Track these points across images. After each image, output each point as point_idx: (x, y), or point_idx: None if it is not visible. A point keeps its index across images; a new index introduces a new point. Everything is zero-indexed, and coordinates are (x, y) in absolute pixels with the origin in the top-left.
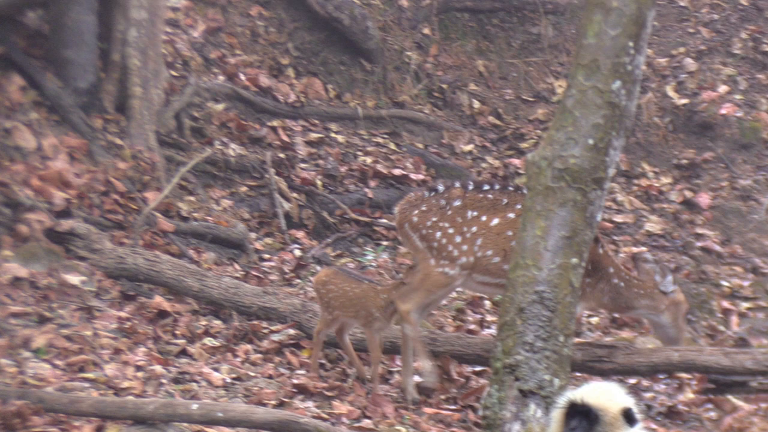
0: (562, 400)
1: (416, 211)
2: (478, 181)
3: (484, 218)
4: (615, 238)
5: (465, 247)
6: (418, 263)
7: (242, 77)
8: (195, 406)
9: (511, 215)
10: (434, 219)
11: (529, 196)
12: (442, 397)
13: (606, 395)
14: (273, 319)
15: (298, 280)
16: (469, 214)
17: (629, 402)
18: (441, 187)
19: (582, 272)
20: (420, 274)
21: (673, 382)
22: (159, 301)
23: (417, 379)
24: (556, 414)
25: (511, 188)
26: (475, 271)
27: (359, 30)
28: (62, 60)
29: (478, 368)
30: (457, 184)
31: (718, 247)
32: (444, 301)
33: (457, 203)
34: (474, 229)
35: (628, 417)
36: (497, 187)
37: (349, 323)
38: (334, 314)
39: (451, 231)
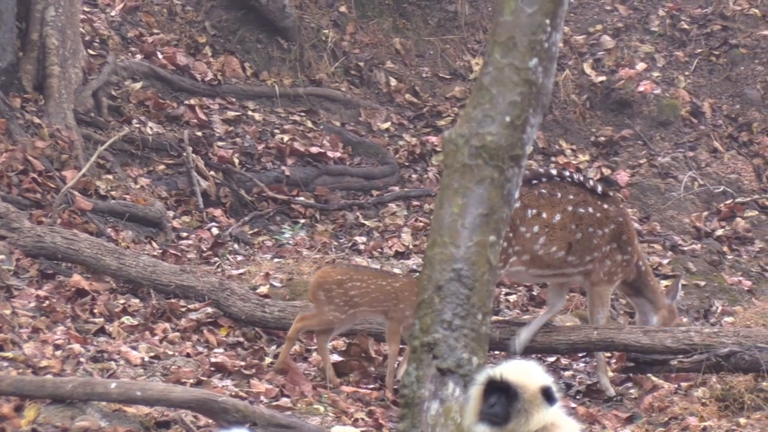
0: (482, 377)
1: None
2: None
3: (544, 215)
4: None
5: (523, 247)
6: None
7: (160, 56)
8: (113, 385)
9: (570, 208)
10: None
11: (446, 174)
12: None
13: (525, 373)
14: (191, 298)
15: (216, 259)
16: (529, 212)
17: (548, 380)
18: None
19: (499, 249)
20: None
21: (593, 361)
22: (77, 279)
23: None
24: (475, 390)
25: (557, 179)
26: (533, 267)
27: (276, 8)
28: None
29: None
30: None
31: (636, 225)
32: None
33: (517, 204)
34: (536, 228)
35: (547, 395)
36: (544, 180)
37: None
38: (349, 312)
39: (510, 233)
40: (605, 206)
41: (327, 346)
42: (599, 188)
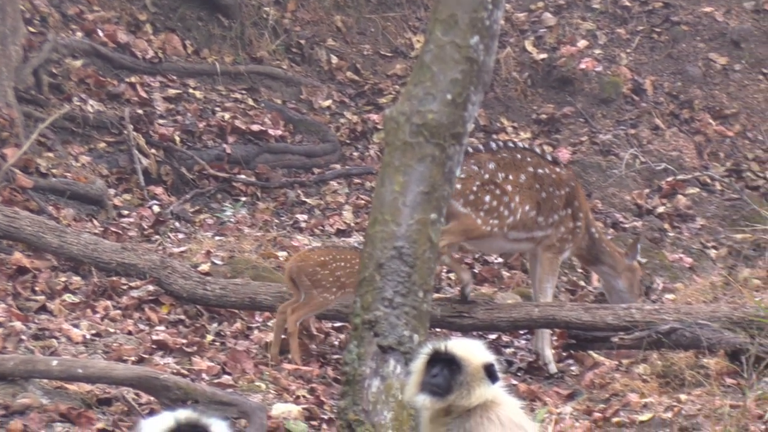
0: (426, 350)
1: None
2: (484, 143)
3: (512, 176)
4: None
5: (509, 208)
6: (453, 219)
7: (100, 33)
8: (55, 363)
9: (530, 169)
10: (478, 183)
11: (387, 152)
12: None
13: (470, 348)
14: (132, 276)
15: (157, 236)
16: (500, 175)
17: (492, 358)
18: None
19: (440, 228)
20: (457, 223)
21: (534, 338)
22: (18, 257)
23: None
24: (419, 362)
25: (511, 144)
26: (513, 229)
27: None
28: None
29: (338, 324)
30: (481, 148)
31: None
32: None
33: (491, 165)
34: (509, 188)
35: (490, 372)
36: (501, 144)
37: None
38: (338, 294)
39: (498, 192)
40: (558, 170)
41: (286, 326)
42: (548, 155)
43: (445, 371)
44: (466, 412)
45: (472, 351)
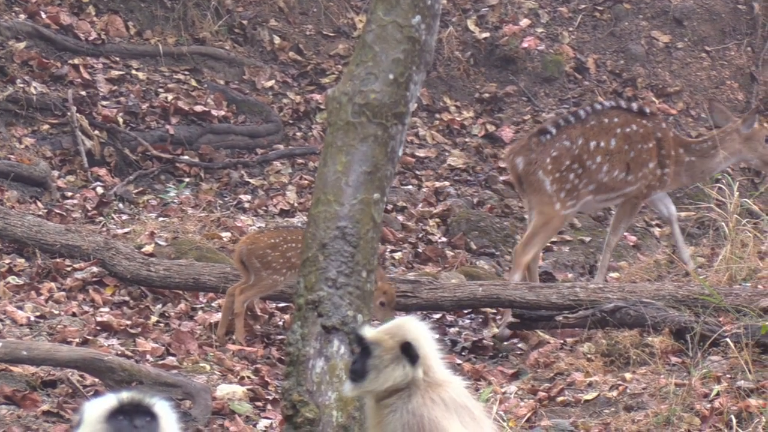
0: (373, 333)
1: (548, 158)
2: (574, 111)
3: (602, 144)
4: (417, 172)
5: (590, 179)
6: (534, 209)
7: (43, 15)
8: None
9: (618, 130)
10: (567, 162)
11: (329, 132)
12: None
13: (388, 329)
14: (76, 257)
15: (101, 218)
16: (591, 145)
17: (414, 337)
18: (553, 129)
19: (383, 208)
20: (539, 219)
21: (479, 317)
22: None
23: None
24: (354, 348)
25: (599, 106)
26: (599, 193)
27: None
28: None
29: (282, 304)
30: (571, 119)
31: None
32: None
33: (580, 140)
34: (598, 158)
35: (408, 352)
36: (590, 110)
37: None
38: (288, 275)
39: (581, 170)
40: (644, 122)
41: (234, 307)
42: (635, 106)
43: (362, 355)
44: (408, 393)
45: (388, 332)
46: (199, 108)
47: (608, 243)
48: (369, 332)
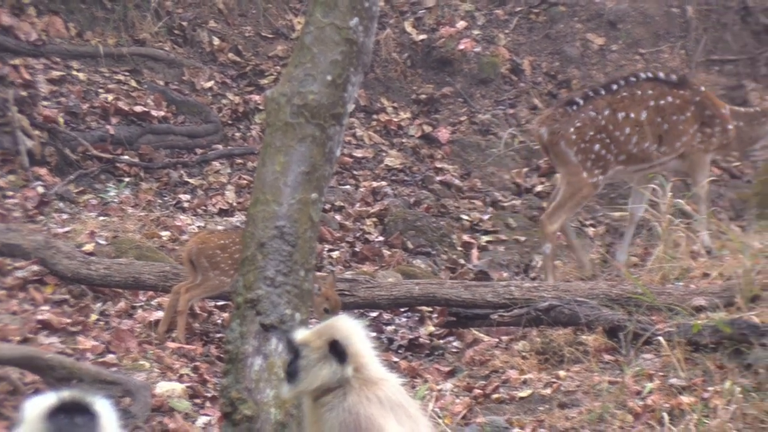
0: (304, 334)
1: (572, 129)
2: (605, 83)
3: (632, 115)
4: (355, 172)
5: (619, 149)
6: (564, 177)
7: None
8: None
9: (652, 102)
10: (591, 133)
11: (268, 132)
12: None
13: (317, 329)
14: (17, 256)
15: (41, 217)
16: (620, 116)
17: (341, 336)
18: (580, 100)
19: (321, 208)
20: (568, 189)
21: (415, 315)
22: None
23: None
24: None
25: (633, 79)
26: (630, 164)
27: None
28: None
29: (221, 303)
30: (602, 91)
31: (457, 181)
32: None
33: (607, 111)
34: (627, 130)
35: (336, 351)
36: (623, 83)
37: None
38: (234, 276)
39: (608, 140)
40: (681, 92)
41: (177, 306)
42: (672, 77)
43: (294, 358)
44: (343, 391)
45: (316, 332)
46: (139, 108)
47: (700, 197)
48: (298, 334)
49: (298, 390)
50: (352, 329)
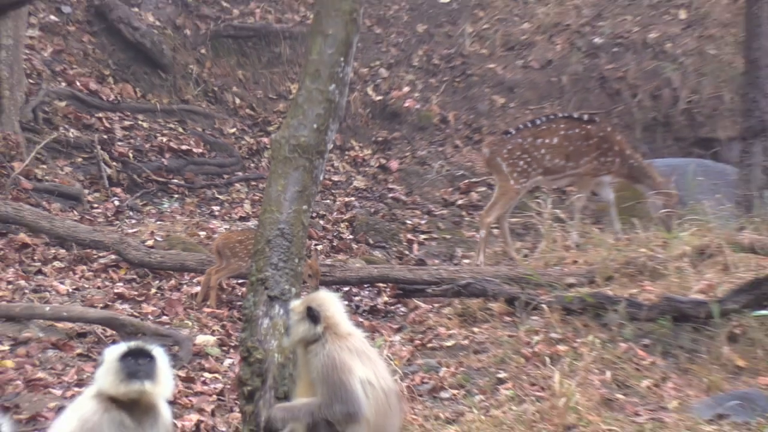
0: (294, 303)
1: (505, 150)
2: (531, 120)
3: (547, 140)
4: (333, 191)
5: (538, 164)
6: (497, 182)
7: (78, 84)
8: (47, 308)
9: (563, 132)
10: (518, 153)
11: (273, 164)
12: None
13: (302, 299)
14: (100, 249)
15: (117, 222)
16: (539, 141)
17: (317, 304)
18: (513, 131)
19: (310, 215)
20: (500, 192)
21: (374, 290)
22: (22, 236)
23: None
24: (293, 313)
25: (552, 116)
26: (546, 175)
27: (157, 50)
28: None
29: (241, 281)
30: (526, 124)
31: (403, 197)
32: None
33: (530, 138)
34: (543, 150)
35: (310, 315)
36: (544, 119)
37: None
38: (250, 262)
39: (530, 159)
40: (588, 126)
41: (210, 283)
42: (584, 116)
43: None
44: (323, 342)
45: (301, 301)
46: (184, 147)
47: (575, 208)
48: (293, 303)
49: (291, 341)
50: (325, 299)
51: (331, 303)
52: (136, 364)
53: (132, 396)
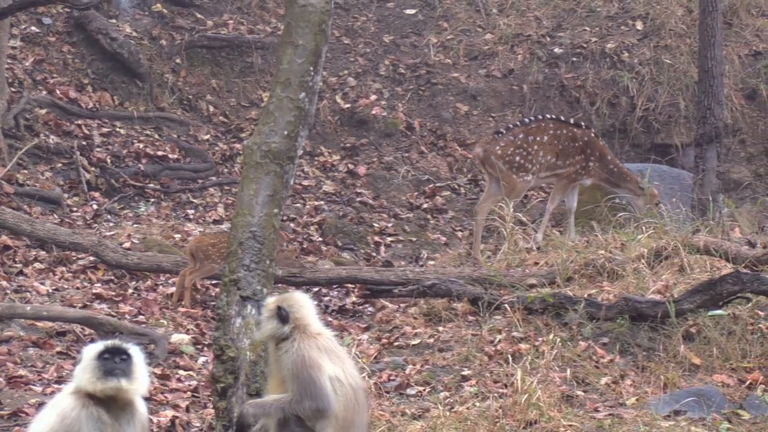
0: (267, 301)
1: (497, 147)
2: (521, 120)
3: (538, 138)
4: (303, 195)
5: (534, 160)
6: (501, 181)
7: (58, 92)
8: (28, 308)
9: (551, 131)
10: (511, 149)
11: (245, 169)
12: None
13: (272, 299)
14: (79, 250)
15: (95, 225)
16: (530, 138)
17: (285, 304)
18: (504, 130)
19: (280, 218)
20: (506, 188)
21: (343, 290)
22: (4, 239)
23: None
24: (265, 310)
25: (540, 117)
26: (541, 171)
27: (134, 60)
28: None
29: (214, 281)
30: (516, 123)
31: (371, 201)
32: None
33: (521, 135)
34: (536, 147)
35: (279, 314)
36: (533, 119)
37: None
38: (222, 264)
39: (524, 153)
40: (575, 129)
41: (184, 283)
42: (572, 120)
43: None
44: (293, 340)
45: (272, 300)
46: (160, 153)
47: (547, 209)
48: (267, 300)
49: (261, 337)
50: (295, 299)
51: (303, 304)
52: (113, 362)
53: (109, 393)
